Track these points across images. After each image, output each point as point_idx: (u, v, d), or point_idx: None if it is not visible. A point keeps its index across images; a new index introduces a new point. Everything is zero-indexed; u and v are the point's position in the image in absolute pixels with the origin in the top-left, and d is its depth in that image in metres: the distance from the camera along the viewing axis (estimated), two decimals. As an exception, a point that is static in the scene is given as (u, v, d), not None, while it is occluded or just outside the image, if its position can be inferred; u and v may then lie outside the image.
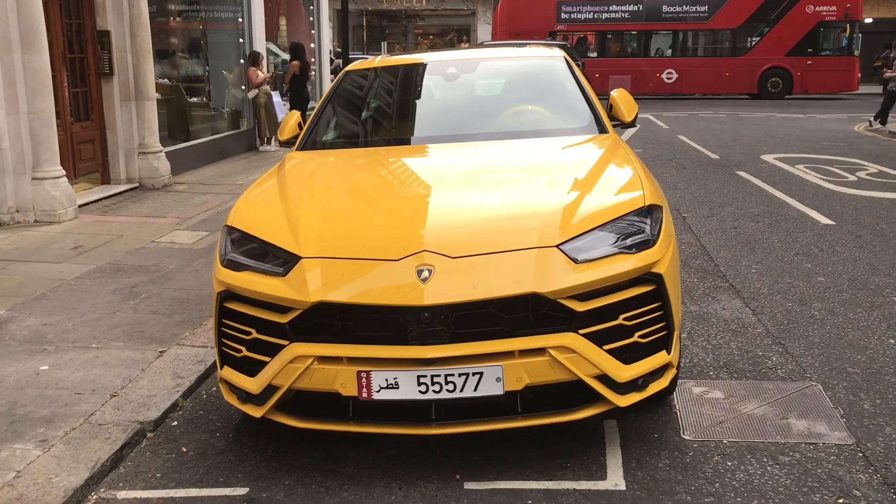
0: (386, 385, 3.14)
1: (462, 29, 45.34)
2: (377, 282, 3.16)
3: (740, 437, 3.63)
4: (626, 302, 3.29)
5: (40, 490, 3.34)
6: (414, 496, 3.26)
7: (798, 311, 5.36)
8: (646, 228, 3.42)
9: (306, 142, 4.67)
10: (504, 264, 3.18)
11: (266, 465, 3.58)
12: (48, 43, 8.78)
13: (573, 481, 3.31)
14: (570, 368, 3.15)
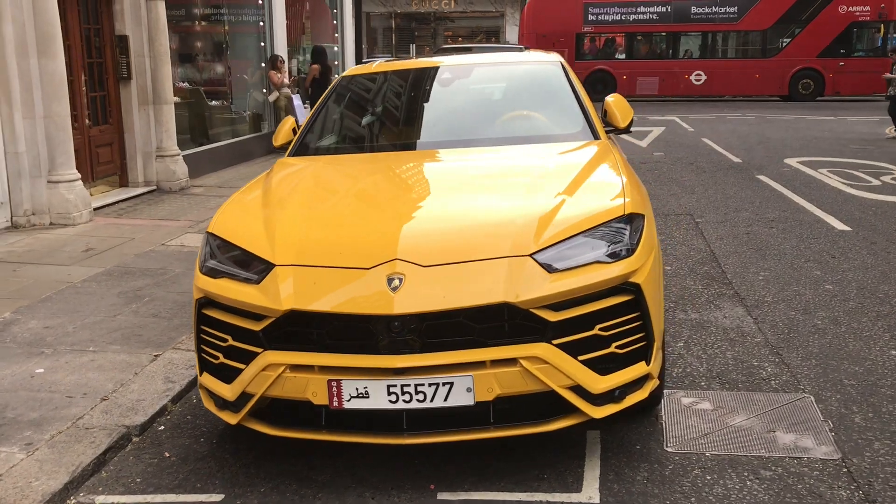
0: (356, 394, 3.12)
1: (490, 31, 45.29)
2: (348, 290, 3.15)
3: (724, 449, 3.57)
4: (603, 312, 3.24)
5: (19, 494, 3.38)
6: None
7: (801, 320, 5.25)
8: (624, 237, 3.37)
9: (298, 148, 4.68)
10: (475, 273, 3.15)
11: (244, 471, 3.59)
12: (67, 48, 8.93)
13: (547, 493, 3.27)
14: (542, 379, 3.11)
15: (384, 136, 4.87)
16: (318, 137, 4.75)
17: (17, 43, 7.98)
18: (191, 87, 12.36)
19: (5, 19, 7.88)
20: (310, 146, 4.68)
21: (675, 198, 9.82)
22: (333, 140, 4.76)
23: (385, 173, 4.21)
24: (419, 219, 3.55)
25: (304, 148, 4.68)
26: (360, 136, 4.88)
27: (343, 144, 4.74)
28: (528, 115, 4.77)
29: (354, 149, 4.71)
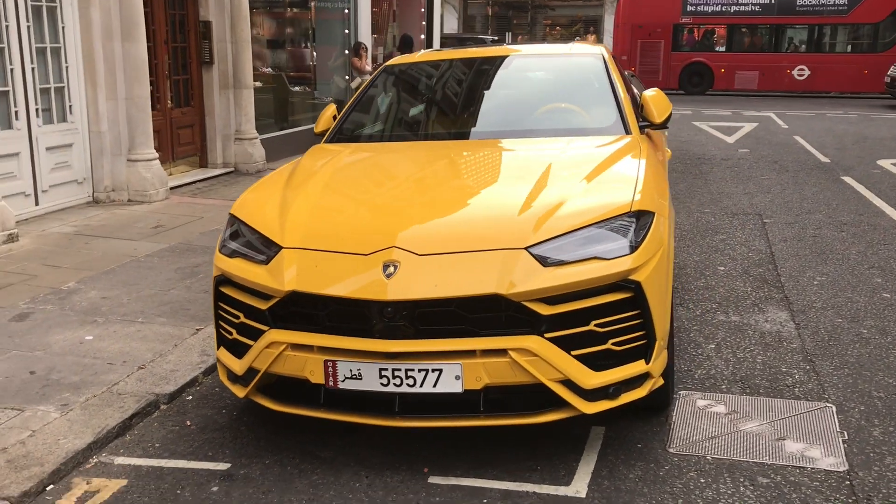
0: (350, 375, 3.23)
1: (591, 20, 44.69)
2: (346, 275, 3.25)
3: (726, 454, 3.51)
4: (599, 308, 3.24)
5: (46, 450, 3.63)
6: (377, 485, 3.34)
7: (846, 327, 5.07)
8: (628, 234, 3.34)
9: (334, 135, 4.81)
10: (469, 264, 3.20)
11: (255, 443, 3.74)
12: (151, 33, 9.35)
13: (536, 484, 3.30)
14: (531, 371, 3.14)
15: (415, 126, 4.94)
16: (354, 125, 4.87)
17: (102, 28, 8.41)
18: (274, 73, 12.71)
19: (93, 5, 8.31)
20: (346, 134, 4.80)
21: (748, 197, 9.55)
22: (368, 128, 4.86)
23: (404, 162, 4.29)
24: (423, 208, 3.62)
25: (340, 135, 4.80)
26: (393, 124, 4.96)
27: (376, 132, 4.84)
28: (561, 108, 4.76)
29: (386, 137, 4.80)
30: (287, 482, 3.39)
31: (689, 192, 9.95)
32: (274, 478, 3.43)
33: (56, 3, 8.12)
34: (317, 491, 3.31)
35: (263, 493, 3.31)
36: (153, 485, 3.42)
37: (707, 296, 5.77)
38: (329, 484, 3.36)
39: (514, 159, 4.17)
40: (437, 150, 4.44)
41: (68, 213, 8.25)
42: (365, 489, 3.31)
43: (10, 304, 5.52)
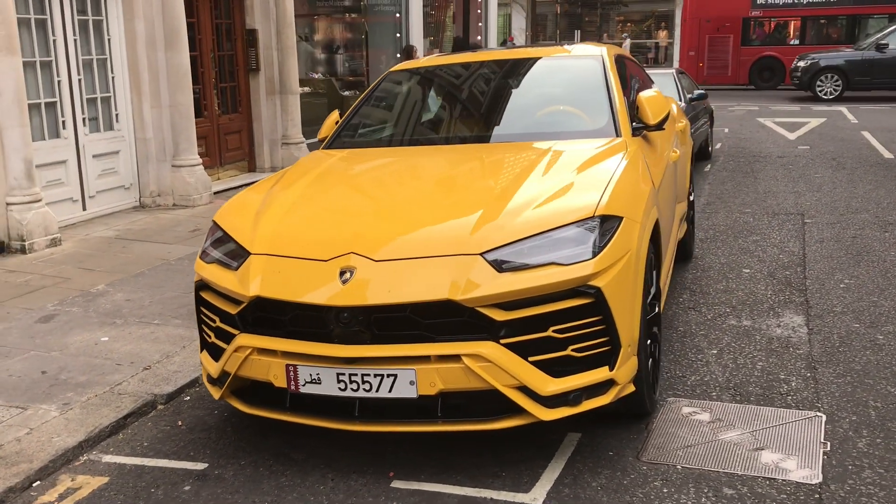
0: (310, 380, 3.28)
1: (661, 16, 43.86)
2: (305, 281, 3.31)
3: (698, 463, 3.43)
4: (558, 314, 3.21)
5: (38, 447, 3.80)
6: (341, 488, 3.39)
7: (862, 333, 4.88)
8: (589, 239, 3.30)
9: (332, 141, 4.89)
10: (423, 270, 3.22)
11: (236, 444, 3.84)
12: (198, 41, 9.65)
13: (495, 490, 3.29)
14: (485, 377, 3.13)
15: (406, 131, 4.96)
16: (352, 131, 4.93)
17: (147, 38, 8.72)
18: (324, 78, 12.93)
19: (137, 16, 8.63)
20: (342, 140, 4.87)
21: (795, 196, 9.25)
22: (363, 134, 4.91)
23: (382, 168, 4.33)
24: (386, 214, 3.65)
25: (337, 141, 4.87)
26: (387, 129, 5.00)
27: (369, 138, 4.88)
28: (553, 111, 4.72)
29: (378, 143, 4.84)
30: (256, 483, 3.48)
31: (735, 191, 9.71)
32: (245, 478, 3.52)
33: (102, 17, 8.45)
34: (281, 492, 3.38)
35: (230, 494, 3.40)
36: (132, 483, 3.55)
37: (724, 299, 5.63)
38: (295, 486, 3.43)
39: (491, 164, 4.16)
40: (419, 154, 4.47)
41: (114, 217, 8.59)
42: (328, 492, 3.37)
43: (39, 305, 5.79)
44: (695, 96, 11.15)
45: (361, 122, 5.02)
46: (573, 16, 44.84)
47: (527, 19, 41.62)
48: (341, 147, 4.81)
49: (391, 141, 4.81)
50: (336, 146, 4.84)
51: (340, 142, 4.85)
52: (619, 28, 46.72)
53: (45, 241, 7.21)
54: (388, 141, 4.82)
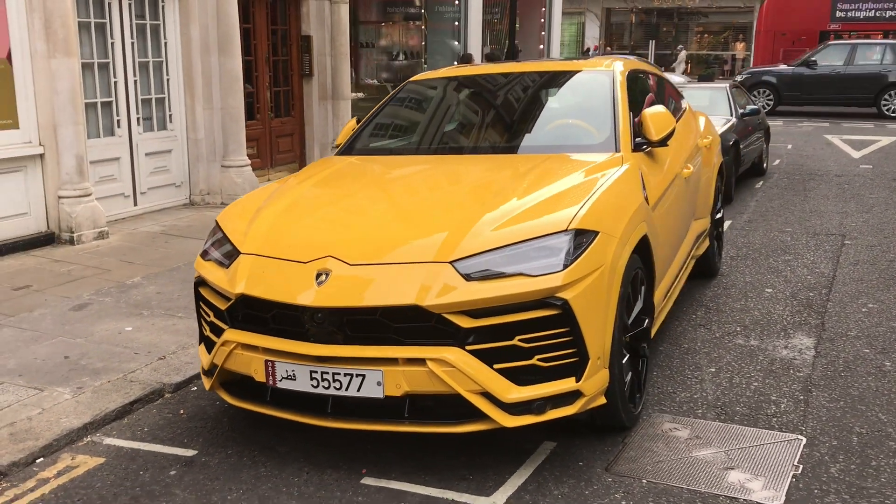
0: (286, 376, 3.44)
1: (741, 27, 42.97)
2: (285, 281, 3.47)
3: (664, 479, 3.46)
4: (524, 323, 3.29)
5: (46, 427, 4.06)
6: (314, 481, 3.53)
7: (870, 358, 4.80)
8: (560, 252, 3.37)
9: (345, 148, 5.05)
10: (395, 275, 3.34)
11: (227, 434, 4.03)
12: (253, 47, 9.99)
13: (457, 492, 3.39)
14: (448, 382, 3.24)
15: (412, 140, 5.09)
16: (364, 139, 5.09)
17: (201, 43, 9.09)
18: (378, 84, 13.18)
19: (193, 22, 9.00)
20: (354, 147, 5.03)
21: (841, 216, 9.04)
22: (373, 142, 5.06)
23: (378, 175, 4.47)
24: (368, 220, 3.78)
25: (349, 148, 5.04)
26: (395, 139, 5.14)
27: (378, 146, 5.03)
28: (557, 125, 4.79)
29: (382, 151, 4.98)
30: (236, 471, 3.65)
31: (781, 209, 9.54)
32: (227, 467, 3.70)
33: (159, 21, 8.85)
34: (258, 482, 3.55)
35: (210, 481, 3.58)
36: (124, 465, 3.77)
37: (737, 318, 5.59)
38: (272, 476, 3.59)
39: (481, 176, 4.25)
40: (416, 164, 4.59)
41: (163, 213, 8.96)
42: (300, 484, 3.52)
43: (76, 294, 6.12)
44: (747, 111, 10.99)
45: (374, 130, 5.17)
46: (648, 25, 44.32)
47: (600, 28, 41.35)
48: (352, 153, 4.98)
49: (396, 150, 4.95)
50: (347, 153, 5.01)
51: (352, 149, 5.02)
52: (697, 39, 45.97)
53: (93, 234, 7.58)
54: (393, 150, 4.95)
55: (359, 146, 5.02)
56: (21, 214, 7.32)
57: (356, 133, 5.14)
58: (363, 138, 5.09)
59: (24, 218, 7.35)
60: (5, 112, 7.09)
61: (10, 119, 7.13)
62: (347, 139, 5.11)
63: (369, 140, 5.07)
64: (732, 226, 8.66)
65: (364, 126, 5.19)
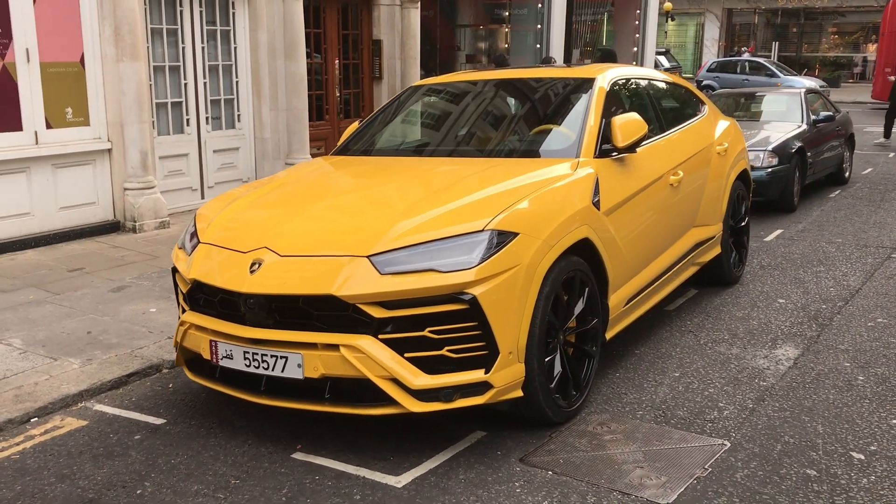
0: (226, 355, 3.80)
1: (874, 28, 40.67)
2: (226, 268, 3.83)
3: (569, 473, 3.59)
4: (435, 316, 3.51)
5: (47, 391, 4.58)
6: (251, 453, 3.87)
7: (845, 372, 4.72)
8: (473, 250, 3.57)
9: (340, 148, 5.38)
10: (317, 266, 3.63)
11: (199, 408, 4.43)
12: (324, 50, 10.52)
13: (371, 471, 3.64)
14: (358, 367, 3.50)
15: (392, 143, 5.34)
16: (358, 140, 5.40)
17: (268, 47, 9.66)
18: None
19: (261, 28, 9.58)
20: (349, 147, 5.35)
21: None
22: (362, 143, 5.35)
23: (342, 174, 4.77)
24: (309, 215, 4.08)
25: (344, 148, 5.36)
26: (379, 140, 5.40)
27: (365, 147, 5.31)
28: (534, 131, 4.96)
29: (364, 152, 5.26)
30: (190, 440, 4.04)
31: (843, 220, 9.23)
32: (185, 436, 4.09)
33: (230, 27, 9.47)
34: (203, 450, 3.92)
35: (164, 446, 3.98)
36: (101, 428, 4.23)
37: (731, 327, 5.57)
38: (217, 446, 3.96)
39: (431, 177, 4.47)
40: (381, 164, 4.87)
41: (228, 207, 9.57)
42: (239, 454, 3.86)
43: (119, 277, 6.73)
44: (820, 118, 10.63)
45: (370, 132, 5.47)
46: (774, 26, 42.71)
47: (720, 29, 40.18)
48: (347, 153, 5.30)
49: (376, 151, 5.22)
50: (342, 153, 5.33)
51: (347, 149, 5.34)
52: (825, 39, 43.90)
53: (154, 224, 8.25)
54: (374, 151, 5.23)
55: (352, 147, 5.34)
56: (90, 204, 8.05)
57: (353, 134, 5.46)
58: (357, 139, 5.40)
59: (93, 207, 8.09)
60: (78, 110, 7.83)
61: (81, 117, 7.87)
62: (344, 140, 5.44)
63: (362, 141, 5.37)
64: (782, 235, 8.48)
65: (363, 127, 5.50)
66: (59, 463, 3.84)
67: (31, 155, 7.49)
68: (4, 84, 7.25)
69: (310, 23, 10.36)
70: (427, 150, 5.06)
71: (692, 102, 6.33)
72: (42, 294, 6.30)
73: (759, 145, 9.45)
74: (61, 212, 7.80)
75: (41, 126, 7.56)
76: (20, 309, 5.94)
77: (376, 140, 5.31)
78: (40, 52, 7.46)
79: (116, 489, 3.57)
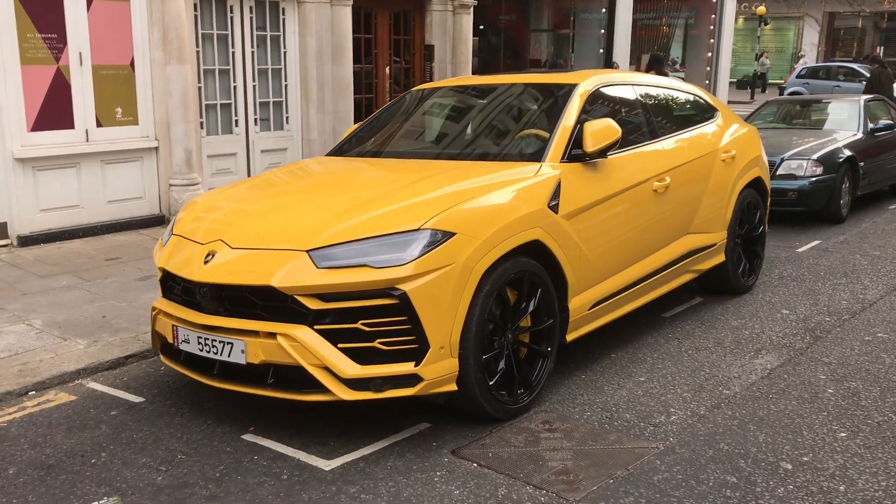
0: (184, 339, 4.08)
1: None
2: (185, 258, 4.11)
3: (493, 466, 3.69)
4: (367, 309, 3.69)
5: (48, 367, 4.98)
6: (207, 433, 4.13)
7: (818, 384, 4.64)
8: (406, 248, 3.72)
9: (335, 149, 5.61)
10: (261, 259, 3.86)
11: (178, 389, 4.73)
12: (374, 55, 10.84)
13: (307, 455, 3.84)
14: (293, 355, 3.71)
15: (375, 145, 5.51)
16: (353, 141, 5.61)
17: (316, 52, 10.03)
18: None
19: (310, 33, 9.96)
20: (342, 149, 5.58)
21: (953, 243, 8.32)
22: (352, 145, 5.56)
23: (316, 173, 5.00)
24: (265, 211, 4.32)
25: (339, 149, 5.60)
26: (368, 142, 5.58)
27: (353, 148, 5.51)
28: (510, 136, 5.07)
29: (348, 153, 5.45)
30: (158, 418, 4.34)
31: (891, 233, 8.92)
32: (156, 414, 4.39)
33: (280, 32, 9.88)
34: (166, 427, 4.21)
35: (133, 422, 4.30)
36: (85, 404, 4.58)
37: (720, 336, 5.53)
38: (179, 425, 4.24)
39: (394, 178, 4.63)
40: (354, 166, 5.06)
41: (274, 204, 9.99)
42: (195, 433, 4.13)
43: (149, 268, 7.16)
44: (879, 126, 10.25)
45: (365, 134, 5.68)
46: (881, 30, 40.83)
47: (820, 34, 38.72)
48: (341, 154, 5.53)
49: (360, 153, 5.42)
50: (336, 153, 5.57)
51: (341, 150, 5.57)
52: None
53: (196, 219, 8.70)
54: (357, 152, 5.43)
55: (346, 148, 5.57)
56: (137, 198, 8.58)
57: (350, 135, 5.69)
58: (351, 141, 5.62)
59: (139, 201, 8.61)
60: (127, 110, 8.36)
61: (130, 116, 8.40)
62: (340, 141, 5.68)
63: (353, 142, 5.59)
64: (818, 246, 8.26)
65: (360, 129, 5.73)
66: (37, 432, 4.20)
67: (82, 151, 8.04)
68: (58, 85, 7.82)
69: (360, 28, 10.68)
70: (406, 153, 5.23)
71: (699, 109, 6.29)
72: (75, 280, 6.79)
73: (804, 154, 9.21)
74: (109, 205, 8.34)
75: (92, 124, 8.11)
76: (51, 293, 6.42)
77: (366, 142, 5.52)
78: (93, 55, 8.01)
79: (75, 458, 3.89)
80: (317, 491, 3.53)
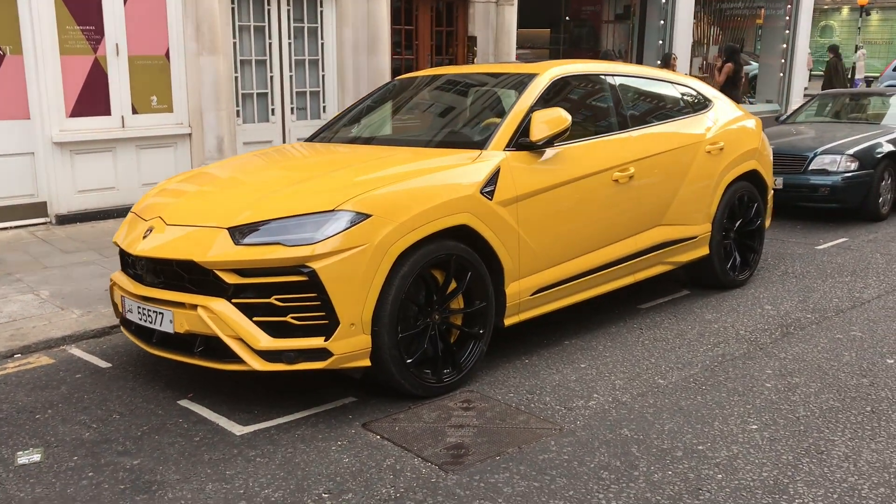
0: (128, 309, 4.39)
1: None
2: (130, 234, 4.43)
3: (393, 438, 3.83)
4: (280, 285, 3.90)
5: (38, 333, 5.41)
6: (149, 397, 4.43)
7: (761, 380, 4.58)
8: (319, 228, 3.91)
9: (312, 135, 5.85)
10: (189, 236, 4.12)
11: (144, 357, 5.06)
12: (416, 46, 11.06)
13: (228, 421, 4.08)
14: (210, 326, 3.96)
15: (341, 131, 5.68)
16: (324, 129, 5.84)
17: (353, 43, 10.31)
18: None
19: (346, 24, 10.24)
20: (318, 135, 5.81)
21: None
22: (326, 132, 5.76)
23: (270, 158, 5.22)
24: (206, 192, 4.57)
25: (314, 136, 5.82)
26: (335, 128, 5.77)
27: (325, 134, 5.72)
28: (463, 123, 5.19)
29: (318, 139, 5.65)
30: (115, 381, 4.67)
31: (926, 231, 8.53)
32: (114, 378, 4.73)
33: (317, 24, 10.21)
34: (116, 390, 4.53)
35: (91, 384, 4.64)
36: (58, 367, 4.97)
37: (686, 329, 5.49)
38: (131, 389, 4.56)
39: (331, 162, 4.81)
40: (312, 151, 5.26)
41: (308, 191, 10.34)
42: (140, 395, 4.44)
43: (166, 247, 7.58)
44: (933, 121, 9.78)
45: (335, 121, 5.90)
46: None
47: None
48: (309, 140, 5.77)
49: (323, 138, 5.62)
50: (311, 139, 5.80)
51: (315, 136, 5.81)
52: None
53: (226, 203, 9.12)
54: (322, 137, 5.64)
55: (322, 134, 5.80)
56: (170, 182, 9.06)
57: (329, 123, 5.92)
58: (325, 128, 5.85)
59: (173, 185, 9.08)
60: (162, 98, 8.84)
61: (166, 104, 8.88)
62: (320, 128, 5.91)
63: (327, 130, 5.81)
64: (842, 244, 8.01)
65: (340, 116, 5.94)
66: (4, 390, 4.60)
67: (118, 137, 8.57)
68: (96, 74, 8.35)
69: (401, 20, 10.90)
70: (361, 139, 5.42)
71: (686, 102, 6.22)
72: (95, 257, 7.27)
73: (839, 149, 8.90)
74: (143, 188, 8.82)
75: (128, 111, 8.62)
76: (69, 268, 6.91)
77: (337, 129, 5.73)
78: (129, 46, 8.51)
79: (24, 413, 4.26)
80: (218, 452, 3.77)
